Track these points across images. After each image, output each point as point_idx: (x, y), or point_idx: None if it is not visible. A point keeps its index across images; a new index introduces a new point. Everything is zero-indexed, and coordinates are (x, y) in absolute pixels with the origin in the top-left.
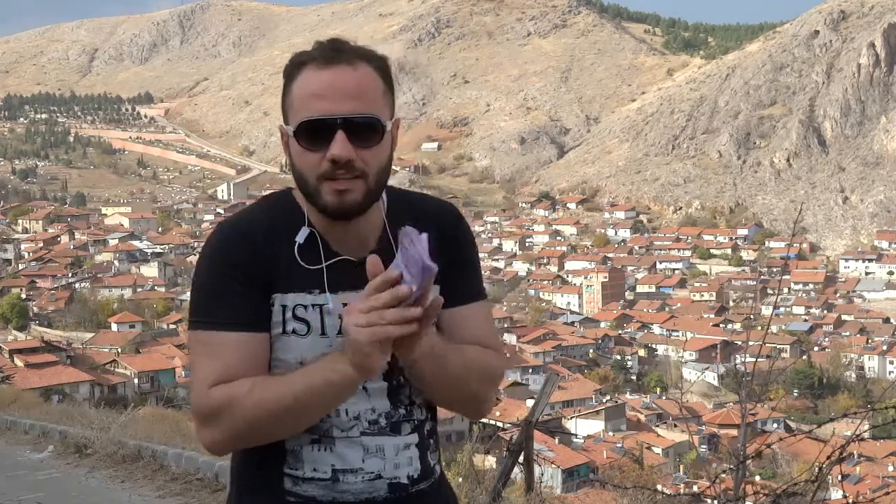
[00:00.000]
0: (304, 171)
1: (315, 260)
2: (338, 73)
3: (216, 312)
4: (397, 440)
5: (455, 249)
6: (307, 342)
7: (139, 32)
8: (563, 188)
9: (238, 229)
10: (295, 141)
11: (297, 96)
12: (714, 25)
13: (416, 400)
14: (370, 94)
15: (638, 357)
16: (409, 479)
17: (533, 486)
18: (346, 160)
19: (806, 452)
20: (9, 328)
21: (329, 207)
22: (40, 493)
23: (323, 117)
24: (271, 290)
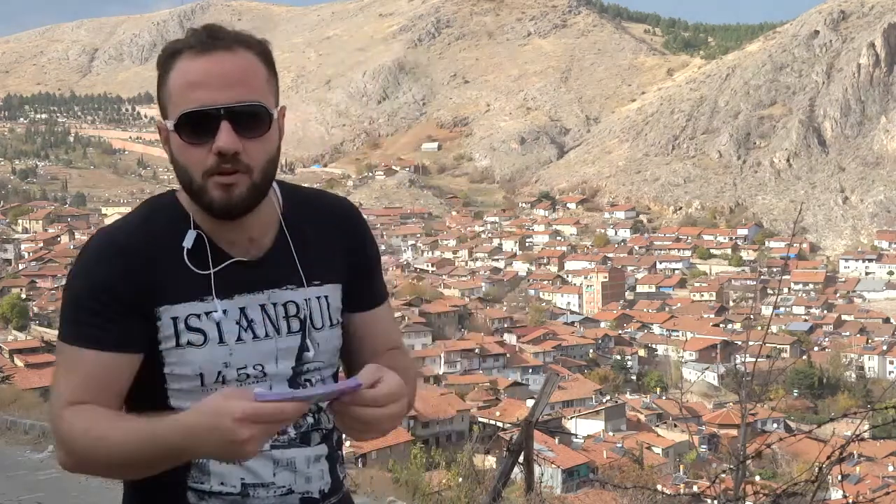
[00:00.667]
0: (188, 168)
1: (204, 265)
2: (216, 60)
3: (80, 330)
4: (307, 451)
5: (356, 248)
6: (205, 352)
7: (139, 32)
8: (563, 188)
9: (114, 242)
10: (176, 135)
11: (175, 87)
12: (714, 25)
13: (323, 405)
14: (253, 80)
15: (638, 357)
16: (321, 493)
17: (533, 486)
18: (233, 152)
19: (806, 452)
20: (9, 328)
21: (215, 205)
22: (40, 493)
23: (205, 108)
24: (155, 304)
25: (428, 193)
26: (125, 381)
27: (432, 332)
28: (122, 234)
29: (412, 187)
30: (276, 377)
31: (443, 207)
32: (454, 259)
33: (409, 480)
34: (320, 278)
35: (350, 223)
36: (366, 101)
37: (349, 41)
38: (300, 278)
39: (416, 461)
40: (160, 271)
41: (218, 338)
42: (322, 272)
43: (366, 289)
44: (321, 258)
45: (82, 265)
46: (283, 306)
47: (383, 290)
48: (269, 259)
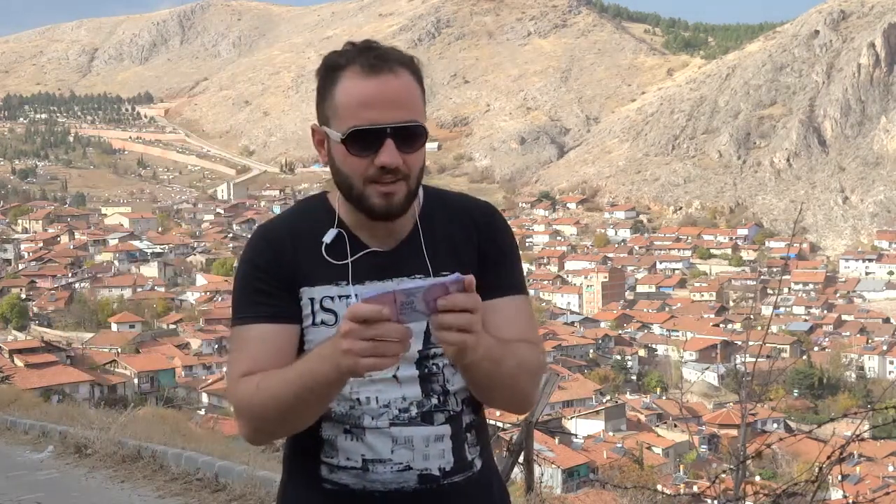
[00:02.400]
0: (350, 176)
1: (342, 256)
2: (384, 82)
3: (246, 309)
4: (427, 431)
5: (487, 240)
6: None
7: (139, 32)
8: (563, 188)
9: (263, 234)
10: (342, 146)
11: (343, 103)
12: (714, 25)
13: (451, 388)
14: (413, 101)
15: (638, 357)
16: (441, 471)
17: (533, 486)
18: (394, 167)
19: (806, 452)
20: (9, 328)
21: (376, 210)
22: (40, 493)
23: (374, 127)
24: (299, 286)
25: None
26: (289, 352)
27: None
28: (270, 228)
29: None
30: (404, 359)
31: None
32: None
33: None
34: (448, 269)
35: (484, 219)
36: None
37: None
38: (427, 269)
39: None
40: (302, 258)
41: None
42: (450, 263)
43: (492, 278)
44: (450, 250)
45: (245, 255)
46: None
47: (514, 283)
48: (401, 250)
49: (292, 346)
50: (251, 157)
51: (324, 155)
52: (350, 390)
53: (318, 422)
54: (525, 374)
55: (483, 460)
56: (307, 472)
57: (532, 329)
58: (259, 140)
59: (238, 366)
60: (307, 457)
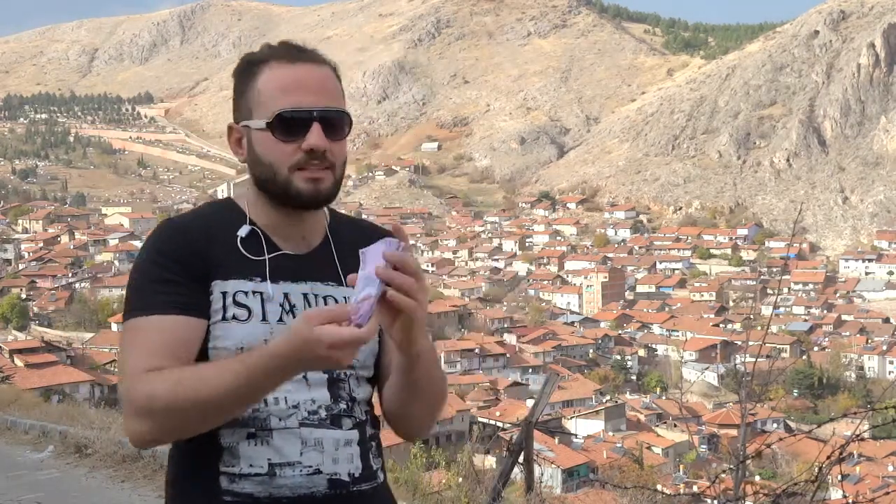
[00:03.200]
0: (275, 163)
1: (257, 253)
2: (308, 69)
3: (148, 299)
4: (337, 434)
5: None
6: (248, 328)
7: (139, 32)
8: (563, 188)
9: (173, 225)
10: (267, 133)
11: (266, 90)
12: (714, 25)
13: (357, 396)
14: (335, 91)
15: (638, 357)
16: (350, 476)
17: (533, 486)
18: (322, 150)
19: (806, 452)
20: (9, 328)
21: (304, 195)
22: (40, 493)
23: (302, 108)
24: (209, 279)
25: (428, 193)
26: (195, 346)
27: (432, 332)
28: (181, 220)
29: (412, 187)
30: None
31: (443, 207)
32: (454, 259)
33: (408, 480)
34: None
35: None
36: (366, 101)
37: (349, 41)
38: (339, 277)
39: (416, 461)
40: (216, 251)
41: (261, 315)
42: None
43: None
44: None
45: (149, 244)
46: (324, 299)
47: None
48: (315, 256)
49: (198, 341)
50: None
51: (242, 152)
52: None
53: (215, 429)
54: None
55: (384, 475)
56: (203, 487)
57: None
58: None
59: (141, 359)
60: (202, 469)
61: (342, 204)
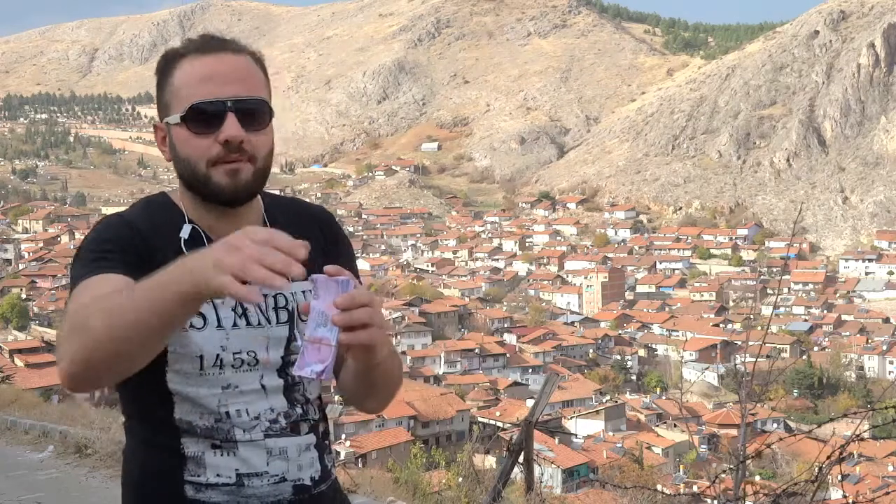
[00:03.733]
0: (192, 158)
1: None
2: (221, 59)
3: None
4: (298, 440)
5: (332, 245)
6: (205, 334)
7: (139, 32)
8: (563, 188)
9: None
10: (183, 128)
11: (181, 84)
12: (714, 25)
13: (310, 397)
14: (254, 80)
15: (638, 357)
16: (312, 480)
17: (533, 486)
18: (239, 141)
19: (806, 452)
20: (9, 328)
21: (224, 190)
22: (40, 493)
23: (214, 100)
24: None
25: (428, 193)
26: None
27: (432, 332)
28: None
29: (412, 187)
30: (268, 365)
31: (443, 207)
32: (454, 259)
33: (409, 480)
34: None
35: (325, 224)
36: (366, 101)
37: (349, 41)
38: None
39: (416, 461)
40: (162, 253)
41: (216, 322)
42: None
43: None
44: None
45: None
46: (273, 298)
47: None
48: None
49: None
50: None
51: (167, 151)
52: (218, 403)
53: (178, 438)
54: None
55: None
56: (167, 495)
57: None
58: None
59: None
60: (165, 478)
61: (342, 204)
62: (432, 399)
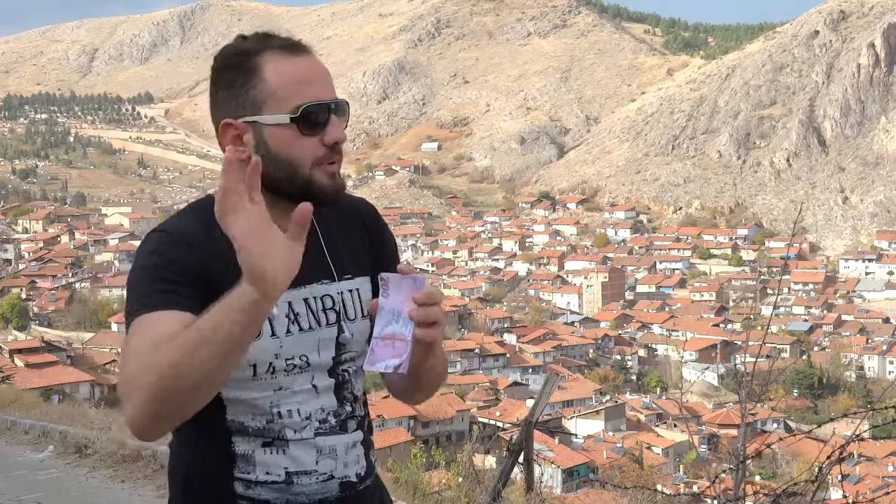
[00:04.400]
0: (296, 159)
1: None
2: (313, 61)
3: (152, 298)
4: (346, 438)
5: (379, 241)
6: (259, 344)
7: (139, 32)
8: (563, 188)
9: (173, 232)
10: (289, 129)
11: (280, 84)
12: (714, 25)
13: (357, 394)
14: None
15: (638, 357)
16: (358, 476)
17: (533, 486)
18: (343, 142)
19: (806, 452)
20: (9, 328)
21: (328, 192)
22: (40, 493)
23: (323, 102)
24: (216, 291)
25: (428, 193)
26: None
27: None
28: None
29: (412, 187)
30: (319, 367)
31: (443, 207)
32: (454, 259)
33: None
34: (351, 272)
35: (370, 220)
36: (366, 101)
37: (349, 41)
38: (332, 273)
39: (416, 461)
40: (215, 262)
41: (271, 331)
42: (351, 266)
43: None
44: (349, 253)
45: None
46: (321, 300)
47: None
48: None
49: None
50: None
51: (242, 150)
52: (270, 404)
53: (229, 438)
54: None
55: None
56: (217, 492)
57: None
58: None
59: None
60: (215, 476)
61: None
62: (432, 399)
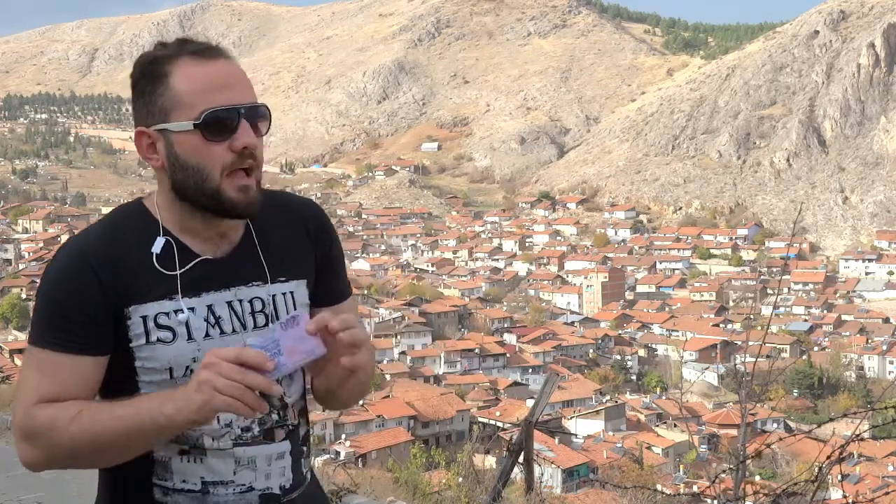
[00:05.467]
0: (205, 167)
1: (173, 266)
2: (226, 65)
3: (51, 334)
4: (270, 449)
5: (323, 246)
6: (174, 348)
7: (139, 32)
8: (563, 188)
9: (82, 248)
10: (194, 135)
11: (187, 90)
12: (714, 25)
13: (290, 401)
14: (250, 85)
15: (638, 357)
16: (282, 489)
17: (533, 486)
18: (254, 148)
19: (806, 452)
20: (9, 328)
21: (238, 205)
22: (40, 493)
23: (231, 107)
24: (125, 304)
25: (428, 193)
26: (94, 382)
27: (432, 332)
28: (92, 245)
29: (412, 187)
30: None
31: (443, 207)
32: (454, 259)
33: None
34: (286, 274)
35: (315, 222)
36: (366, 101)
37: (349, 41)
38: (265, 275)
39: (416, 461)
40: (129, 275)
41: (186, 335)
42: (287, 269)
43: (332, 285)
44: (286, 255)
45: (55, 274)
46: (250, 302)
47: (348, 287)
48: (236, 257)
49: (99, 376)
50: None
51: (156, 158)
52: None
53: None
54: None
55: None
56: (136, 496)
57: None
58: None
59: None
60: (135, 480)
61: (342, 204)
62: (432, 399)
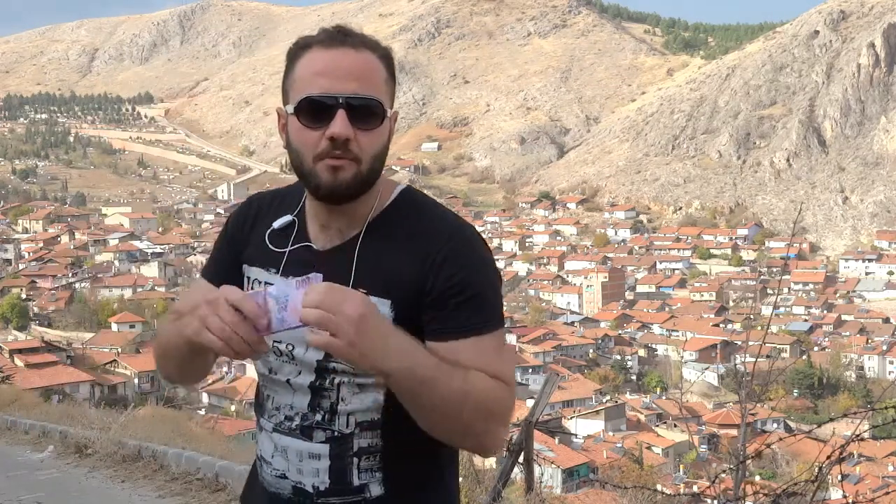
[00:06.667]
0: (301, 150)
1: (284, 244)
2: (342, 54)
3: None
4: (303, 445)
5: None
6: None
7: (139, 32)
8: (563, 188)
9: (248, 201)
10: (295, 118)
11: (300, 75)
12: (714, 25)
13: (343, 408)
14: (372, 77)
15: (638, 357)
16: (314, 489)
17: (533, 486)
18: (344, 139)
19: (806, 452)
20: (9, 328)
21: (322, 186)
22: (40, 493)
23: (325, 94)
24: (242, 262)
25: (428, 193)
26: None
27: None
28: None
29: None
30: (304, 363)
31: None
32: None
33: None
34: (368, 288)
35: (447, 253)
36: None
37: None
38: (348, 280)
39: None
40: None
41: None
42: (373, 283)
43: (436, 318)
44: (380, 270)
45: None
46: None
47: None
48: (333, 254)
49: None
50: (251, 158)
51: (284, 137)
52: (262, 383)
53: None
54: (472, 408)
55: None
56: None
57: (500, 367)
58: (259, 140)
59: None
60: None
61: None
62: None
